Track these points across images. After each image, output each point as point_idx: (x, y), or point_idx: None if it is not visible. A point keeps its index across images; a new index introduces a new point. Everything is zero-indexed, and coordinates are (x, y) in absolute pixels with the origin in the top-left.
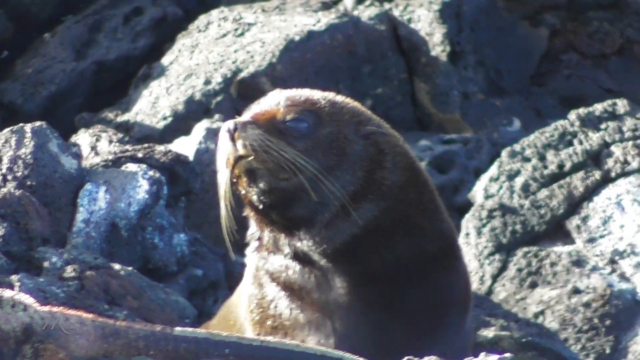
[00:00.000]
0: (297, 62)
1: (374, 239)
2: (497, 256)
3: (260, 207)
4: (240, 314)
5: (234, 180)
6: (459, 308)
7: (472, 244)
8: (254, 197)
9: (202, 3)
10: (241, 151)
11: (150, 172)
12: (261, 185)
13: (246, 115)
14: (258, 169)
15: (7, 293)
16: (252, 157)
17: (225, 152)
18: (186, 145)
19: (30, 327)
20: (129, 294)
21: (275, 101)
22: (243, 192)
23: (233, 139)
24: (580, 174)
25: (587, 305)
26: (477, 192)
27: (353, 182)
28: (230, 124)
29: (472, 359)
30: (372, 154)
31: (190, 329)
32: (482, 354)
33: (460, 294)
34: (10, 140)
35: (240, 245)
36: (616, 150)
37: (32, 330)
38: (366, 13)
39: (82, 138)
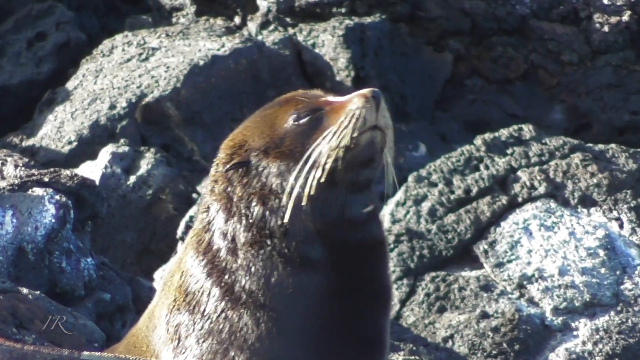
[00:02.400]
0: (201, 86)
1: (378, 254)
2: (405, 281)
3: (337, 181)
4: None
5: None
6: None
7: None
8: (344, 171)
9: (105, 28)
10: (380, 121)
11: (57, 197)
12: (368, 160)
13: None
14: (378, 146)
15: None
16: (384, 131)
17: (364, 116)
18: (92, 170)
19: None
20: (37, 317)
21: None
22: (339, 161)
23: (377, 107)
24: (487, 198)
25: (496, 329)
26: (384, 217)
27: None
28: (377, 91)
29: None
30: None
31: (97, 354)
32: None
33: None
34: None
35: (148, 270)
36: (523, 175)
37: None
38: (270, 38)
39: None
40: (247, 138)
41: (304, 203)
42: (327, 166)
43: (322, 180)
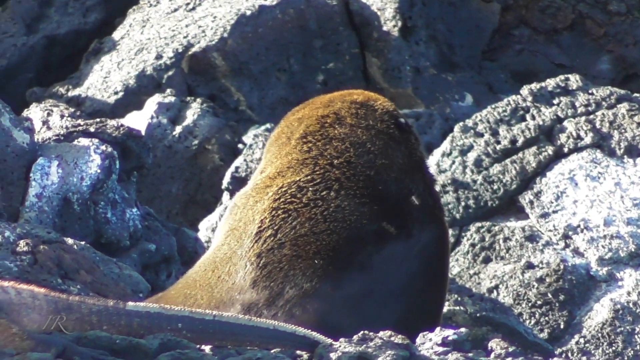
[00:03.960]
0: (248, 36)
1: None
2: (450, 231)
3: None
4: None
5: None
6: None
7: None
8: None
9: None
10: None
11: (103, 147)
12: None
13: None
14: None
15: None
16: None
17: None
18: (138, 120)
19: None
20: (82, 268)
21: None
22: None
23: None
24: (533, 149)
25: (540, 280)
26: (430, 168)
27: None
28: None
29: (427, 333)
30: None
31: (142, 304)
32: (437, 329)
33: None
34: None
35: (193, 220)
36: (569, 125)
37: None
38: None
39: (34, 112)
40: None
41: None
42: None
43: None
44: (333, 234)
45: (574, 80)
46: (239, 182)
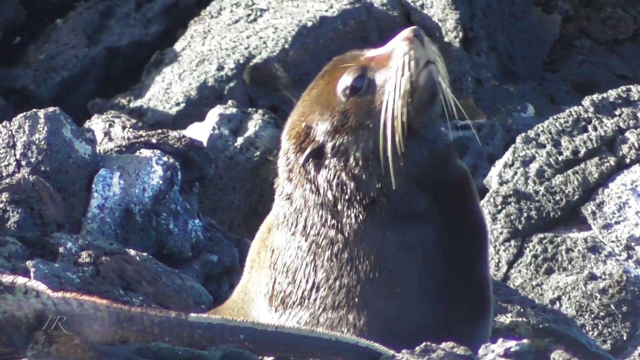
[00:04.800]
0: (309, 48)
1: (466, 187)
2: (512, 242)
3: (413, 127)
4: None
5: (411, 90)
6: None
7: (488, 230)
8: (416, 115)
9: None
10: (430, 55)
11: (164, 158)
12: (432, 94)
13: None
14: (436, 80)
15: (20, 280)
16: (436, 62)
17: (415, 57)
18: (199, 131)
19: (43, 313)
20: (144, 279)
21: None
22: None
23: (422, 43)
24: (595, 160)
25: (603, 291)
26: (492, 178)
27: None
28: (413, 28)
29: (489, 344)
30: None
31: (205, 315)
32: (500, 340)
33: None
34: (23, 125)
35: (255, 231)
36: (631, 136)
37: (45, 317)
38: None
39: (96, 124)
40: (310, 123)
41: (401, 163)
42: (404, 118)
43: (405, 134)
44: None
45: (636, 91)
46: None
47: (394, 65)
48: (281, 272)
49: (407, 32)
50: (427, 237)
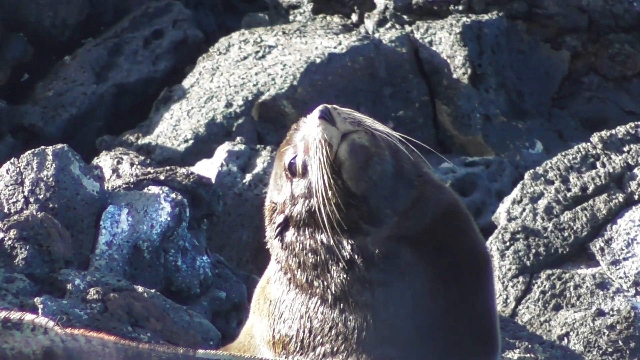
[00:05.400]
0: (318, 84)
1: (451, 221)
2: (520, 278)
3: (359, 193)
4: (257, 335)
5: (333, 176)
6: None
7: (496, 266)
8: (354, 184)
9: (222, 26)
10: (344, 127)
11: (173, 195)
12: (365, 161)
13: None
14: (362, 146)
15: (28, 316)
16: (356, 130)
17: (325, 138)
18: (208, 168)
19: (51, 350)
20: (152, 316)
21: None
22: (339, 185)
23: (332, 121)
24: (604, 196)
25: (611, 327)
26: (500, 215)
27: (417, 163)
28: (320, 109)
29: None
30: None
31: (213, 352)
32: None
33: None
34: (32, 162)
35: (263, 268)
36: (639, 172)
37: (53, 354)
38: (387, 35)
39: (104, 160)
40: (274, 199)
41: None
42: (334, 198)
43: (334, 212)
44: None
45: None
46: None
47: (312, 154)
48: (280, 321)
49: (314, 115)
50: (417, 284)
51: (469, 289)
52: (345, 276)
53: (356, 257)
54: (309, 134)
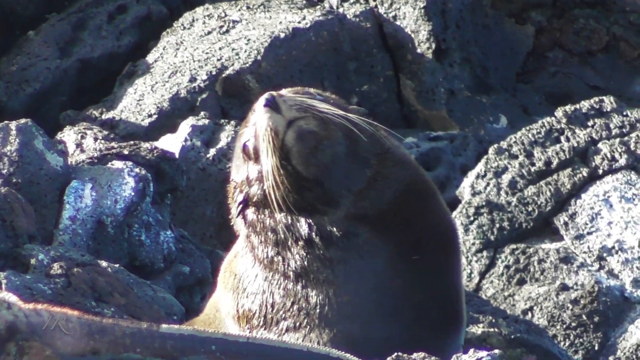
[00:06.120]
0: (282, 59)
1: (409, 202)
2: (484, 253)
3: (311, 177)
4: (223, 308)
5: (283, 163)
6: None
7: (460, 241)
8: (304, 168)
9: (186, 1)
10: (289, 115)
11: (136, 170)
12: (313, 145)
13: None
14: (309, 131)
15: None
16: (303, 116)
17: (271, 127)
18: (172, 143)
19: (14, 325)
20: (116, 291)
21: (280, 91)
22: (290, 170)
23: (277, 108)
24: (568, 171)
25: (575, 302)
26: (464, 189)
27: (376, 140)
28: (265, 96)
29: (460, 355)
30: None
31: (176, 326)
32: (471, 351)
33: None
34: None
35: (227, 243)
36: (603, 147)
37: (16, 329)
38: (351, 10)
39: (68, 135)
40: (235, 178)
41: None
42: (278, 179)
43: (287, 196)
44: None
45: (609, 102)
46: None
47: (260, 141)
48: (243, 296)
49: (260, 103)
50: (377, 262)
51: (434, 265)
52: (304, 254)
53: (314, 236)
54: (257, 122)
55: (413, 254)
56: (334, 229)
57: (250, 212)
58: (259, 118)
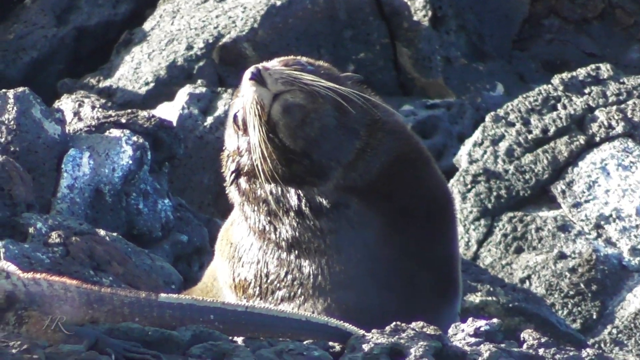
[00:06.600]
0: (278, 27)
1: (401, 171)
2: (482, 221)
3: (298, 150)
4: (220, 277)
5: (270, 136)
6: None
7: (458, 209)
8: (291, 141)
9: None
10: (275, 88)
11: (134, 138)
12: (300, 119)
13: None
14: (295, 104)
15: None
16: (288, 90)
17: (257, 100)
18: (169, 111)
19: (13, 294)
20: (114, 259)
21: (270, 62)
22: (277, 143)
23: (262, 82)
24: (565, 138)
25: (573, 270)
26: (462, 157)
27: (365, 110)
28: (251, 69)
29: (459, 324)
30: (365, 93)
31: (175, 296)
32: (469, 320)
33: (459, 254)
34: None
35: (225, 211)
36: (600, 114)
37: (15, 298)
38: None
39: (65, 104)
40: (228, 147)
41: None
42: (265, 153)
43: (275, 168)
44: None
45: (605, 69)
46: None
47: (247, 114)
48: (239, 265)
49: (246, 76)
50: (367, 233)
51: (427, 234)
52: (295, 225)
53: (304, 207)
54: (244, 95)
55: (404, 224)
56: (324, 200)
57: (243, 182)
58: (246, 91)
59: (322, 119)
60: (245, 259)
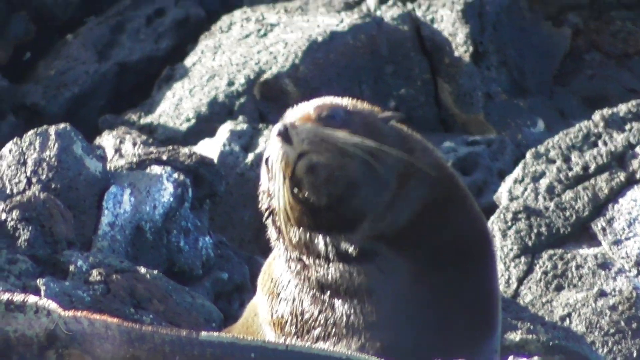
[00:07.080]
0: (319, 62)
1: (433, 215)
2: (522, 259)
3: (323, 205)
4: (260, 313)
5: (294, 191)
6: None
7: (498, 247)
8: (316, 198)
9: (224, 4)
10: (301, 147)
11: (175, 175)
12: (325, 178)
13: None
14: (320, 164)
15: (31, 298)
16: (313, 150)
17: (281, 157)
18: (210, 147)
19: (54, 332)
20: (155, 297)
21: (302, 108)
22: (302, 197)
23: (288, 140)
24: (605, 175)
25: (613, 308)
26: (502, 194)
27: (398, 160)
28: (279, 126)
29: None
30: (402, 135)
31: (216, 334)
32: (510, 358)
33: (498, 291)
34: (34, 142)
35: (265, 249)
36: None
37: (56, 336)
38: (389, 13)
39: (106, 140)
40: (264, 188)
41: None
42: (288, 208)
43: (299, 218)
44: None
45: None
46: None
47: (272, 167)
48: (277, 302)
49: (273, 131)
50: (397, 279)
51: (462, 272)
52: (326, 267)
53: (331, 254)
54: (271, 152)
55: (436, 265)
56: (351, 248)
57: (275, 220)
58: (273, 144)
59: (348, 176)
60: (282, 296)
